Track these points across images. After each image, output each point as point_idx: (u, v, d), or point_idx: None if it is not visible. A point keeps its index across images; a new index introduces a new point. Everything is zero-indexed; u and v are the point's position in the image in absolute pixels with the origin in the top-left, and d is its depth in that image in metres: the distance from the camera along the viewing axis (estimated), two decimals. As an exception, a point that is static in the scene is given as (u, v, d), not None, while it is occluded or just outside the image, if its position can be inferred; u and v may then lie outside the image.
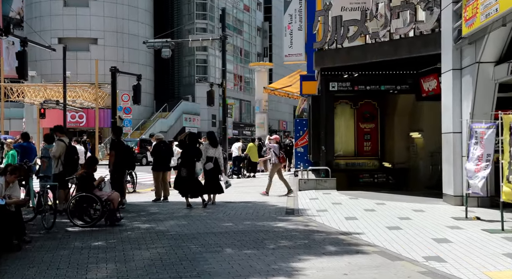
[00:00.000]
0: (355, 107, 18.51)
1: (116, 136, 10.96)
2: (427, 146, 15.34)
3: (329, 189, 13.79)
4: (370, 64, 13.58)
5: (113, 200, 8.68)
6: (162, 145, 12.97)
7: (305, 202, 11.46)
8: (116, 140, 10.90)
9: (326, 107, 14.29)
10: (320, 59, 14.12)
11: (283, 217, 9.53)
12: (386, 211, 9.79)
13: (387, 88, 14.20)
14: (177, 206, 11.44)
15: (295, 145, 19.61)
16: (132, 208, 11.11)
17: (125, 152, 10.93)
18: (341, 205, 10.77)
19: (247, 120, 63.63)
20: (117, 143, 10.86)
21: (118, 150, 10.74)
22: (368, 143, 18.47)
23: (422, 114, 15.62)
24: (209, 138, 11.90)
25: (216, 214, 10.03)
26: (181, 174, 11.04)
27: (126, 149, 11.05)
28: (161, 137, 13.20)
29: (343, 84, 14.31)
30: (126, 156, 10.90)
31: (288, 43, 20.77)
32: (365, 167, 18.42)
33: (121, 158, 10.70)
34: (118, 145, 10.81)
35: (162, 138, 13.21)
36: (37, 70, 44.58)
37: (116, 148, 10.74)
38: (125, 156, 10.87)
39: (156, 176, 12.76)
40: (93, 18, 44.97)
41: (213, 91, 21.61)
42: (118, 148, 10.76)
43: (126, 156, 10.90)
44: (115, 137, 10.97)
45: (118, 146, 10.80)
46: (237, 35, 61.22)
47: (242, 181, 18.99)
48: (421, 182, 15.91)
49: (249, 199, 12.67)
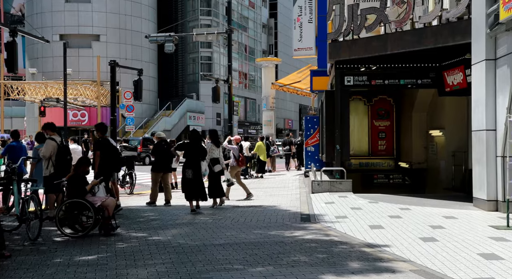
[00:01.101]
0: (369, 103, 17.51)
1: (101, 134, 9.88)
2: (448, 145, 14.29)
3: (345, 192, 12.77)
4: (389, 56, 12.52)
5: (108, 206, 7.68)
6: (164, 144, 11.98)
7: (320, 207, 10.44)
8: (101, 139, 9.83)
9: (341, 103, 13.24)
10: (334, 51, 13.07)
11: (299, 224, 8.51)
12: (414, 218, 8.75)
13: (407, 83, 13.13)
14: (180, 211, 10.44)
15: (305, 144, 18.60)
16: (130, 214, 10.12)
17: (111, 152, 9.82)
18: (362, 210, 9.74)
19: (252, 118, 62.59)
20: (102, 142, 9.80)
21: (103, 150, 9.68)
22: (383, 141, 17.46)
23: (443, 110, 14.57)
24: (212, 136, 11.04)
25: (223, 221, 9.02)
26: (186, 175, 10.18)
27: (112, 148, 9.91)
28: (162, 135, 12.19)
29: (359, 78, 13.26)
30: (112, 156, 9.80)
31: (297, 36, 19.73)
32: (379, 167, 17.42)
33: (106, 159, 9.65)
34: (103, 145, 9.75)
35: (163, 136, 12.20)
36: (39, 67, 43.71)
37: (100, 148, 9.69)
38: (111, 156, 9.78)
39: (155, 178, 11.78)
40: (95, 14, 44.01)
41: (218, 87, 20.60)
42: (103, 147, 9.70)
43: (112, 156, 9.80)
44: (100, 136, 9.88)
45: (103, 145, 9.74)
46: (242, 32, 60.15)
47: (249, 182, 17.96)
48: (441, 183, 14.86)
49: (259, 202, 11.66)
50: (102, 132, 9.85)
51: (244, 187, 12.43)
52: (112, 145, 9.94)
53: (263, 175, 19.78)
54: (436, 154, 15.26)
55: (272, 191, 14.35)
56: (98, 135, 9.82)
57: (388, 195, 12.55)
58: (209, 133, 11.37)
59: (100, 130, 9.84)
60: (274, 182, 17.42)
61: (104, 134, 9.89)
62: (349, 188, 12.92)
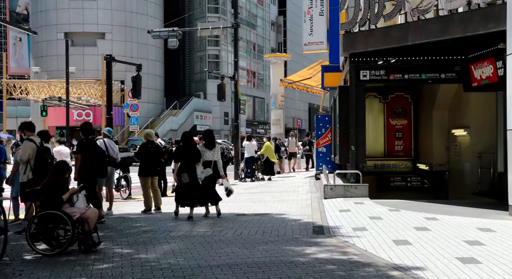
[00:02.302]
0: (384, 101, 16.30)
1: (85, 135, 8.84)
2: (474, 145, 13.06)
3: (360, 197, 11.61)
4: (409, 48, 11.36)
5: (88, 219, 6.58)
6: (151, 145, 10.85)
7: (335, 216, 9.28)
8: (85, 140, 8.78)
9: (356, 100, 12.08)
10: (349, 43, 11.91)
11: (311, 238, 7.36)
12: (444, 230, 7.57)
13: (429, 77, 11.92)
14: (177, 221, 9.32)
15: (316, 144, 17.45)
16: (121, 223, 9.02)
17: (96, 155, 8.77)
18: (382, 220, 8.57)
19: (260, 118, 61.43)
20: (85, 143, 8.78)
21: (86, 152, 8.64)
22: (400, 141, 16.25)
23: (468, 107, 13.35)
24: (204, 137, 9.99)
25: (224, 233, 7.90)
26: (182, 180, 9.32)
27: (97, 151, 8.85)
28: (151, 135, 11.05)
29: (376, 72, 12.07)
30: (96, 160, 8.75)
31: (307, 30, 18.54)
32: (396, 169, 16.20)
33: (90, 163, 8.60)
34: (86, 147, 8.73)
35: (152, 138, 11.05)
36: (43, 66, 42.88)
37: (83, 150, 8.66)
38: (96, 160, 8.73)
39: (144, 183, 10.67)
40: (100, 12, 43.09)
41: (224, 84, 19.50)
42: (87, 150, 8.68)
43: (96, 160, 8.75)
44: (84, 136, 8.84)
45: (87, 147, 8.72)
46: (251, 29, 59.04)
47: (256, 186, 16.84)
48: (466, 188, 13.63)
49: (266, 210, 10.53)
50: (85, 133, 8.82)
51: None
52: (98, 147, 8.89)
53: (271, 177, 18.64)
54: (459, 155, 14.03)
55: (280, 195, 13.23)
56: (82, 136, 8.79)
57: (409, 201, 11.38)
58: (204, 134, 10.35)
59: (83, 130, 8.80)
60: (283, 186, 16.28)
61: (89, 135, 8.86)
62: (365, 193, 11.76)
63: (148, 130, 11.59)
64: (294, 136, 22.55)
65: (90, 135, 8.97)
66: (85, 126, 8.95)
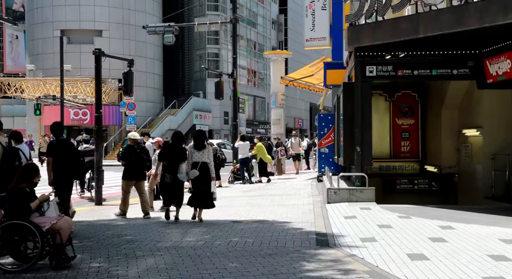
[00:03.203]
0: (390, 99, 15.47)
1: (56, 135, 8.09)
2: (487, 146, 12.26)
3: (366, 202, 10.82)
4: (418, 42, 10.58)
5: (61, 229, 5.77)
6: (136, 147, 10.09)
7: (339, 223, 8.47)
8: (55, 141, 8.02)
9: (362, 97, 11.27)
10: (354, 36, 11.10)
11: (314, 250, 6.55)
12: (463, 242, 6.76)
13: (440, 73, 11.10)
14: (166, 228, 8.51)
15: (318, 144, 16.65)
16: (102, 231, 8.20)
17: (69, 156, 7.99)
18: (392, 229, 7.76)
19: (261, 117, 60.56)
20: (56, 145, 8.03)
21: (58, 154, 7.90)
22: (406, 142, 15.41)
23: (481, 106, 12.54)
24: (194, 138, 9.51)
25: (218, 243, 7.09)
26: (165, 180, 9.18)
27: (70, 152, 8.07)
28: (136, 137, 10.28)
29: (383, 68, 11.26)
30: (70, 162, 7.98)
31: (309, 25, 17.72)
32: (402, 171, 15.37)
33: (62, 166, 7.85)
34: (57, 148, 7.99)
35: (137, 139, 10.30)
36: (39, 64, 42.01)
37: (54, 153, 7.93)
38: (69, 162, 7.96)
39: (126, 187, 9.95)
40: (97, 9, 42.19)
41: (222, 82, 18.70)
42: (58, 152, 7.93)
43: (70, 162, 7.98)
44: (55, 137, 8.09)
45: (57, 149, 7.97)
46: (251, 28, 58.20)
47: (255, 188, 16.03)
48: (477, 191, 12.82)
49: (264, 215, 9.72)
50: (56, 134, 8.07)
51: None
52: (71, 148, 8.11)
53: (261, 180, 17.73)
54: (470, 156, 13.21)
55: (280, 199, 12.42)
56: (53, 137, 8.03)
57: (418, 206, 10.59)
58: (195, 134, 9.70)
59: (53, 131, 8.11)
60: (283, 188, 15.46)
61: (59, 136, 8.08)
62: (371, 197, 10.97)
63: (132, 132, 10.82)
64: (298, 136, 21.60)
65: (62, 136, 8.30)
66: (55, 126, 8.28)
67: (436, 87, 14.22)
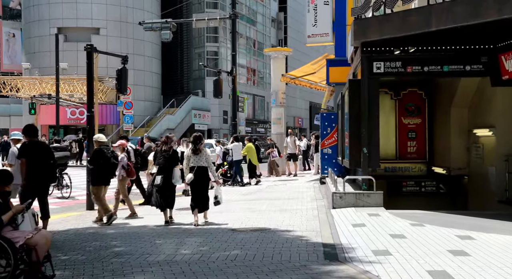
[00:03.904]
0: (396, 97, 14.83)
1: (29, 136, 7.65)
2: (500, 147, 11.58)
3: (374, 207, 10.18)
4: (428, 37, 9.94)
5: (37, 245, 5.11)
6: (106, 151, 9.52)
7: (347, 232, 7.82)
8: (28, 142, 7.57)
9: (369, 95, 10.60)
10: (361, 31, 10.43)
11: (322, 266, 5.89)
12: (487, 256, 6.10)
13: (452, 70, 10.43)
14: (156, 239, 7.84)
15: (321, 145, 16.00)
16: (89, 242, 7.54)
17: (43, 158, 7.59)
18: (406, 239, 7.09)
19: (260, 116, 59.89)
20: (28, 147, 7.60)
21: (31, 157, 7.47)
22: (413, 142, 14.77)
23: (493, 104, 11.86)
24: (192, 142, 9.24)
25: (216, 256, 6.43)
26: (156, 183, 9.12)
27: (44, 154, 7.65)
28: (102, 140, 9.70)
29: (391, 64, 10.59)
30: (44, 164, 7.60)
31: (311, 21, 17.05)
32: (409, 173, 14.74)
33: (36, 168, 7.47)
34: (30, 150, 7.56)
35: (104, 142, 9.74)
36: (36, 62, 41.32)
37: (26, 154, 7.50)
38: (43, 164, 7.58)
39: (96, 192, 9.40)
40: (94, 6, 41.49)
41: (221, 79, 18.02)
42: (30, 154, 7.50)
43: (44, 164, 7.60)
44: (28, 139, 7.66)
45: (30, 151, 7.54)
46: (251, 26, 57.51)
47: (254, 191, 15.38)
48: (489, 194, 12.15)
49: (266, 222, 9.06)
50: (29, 135, 7.67)
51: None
52: (45, 150, 7.67)
53: (250, 182, 17.05)
54: (482, 158, 12.54)
55: (282, 204, 11.75)
56: (26, 139, 7.51)
57: (431, 212, 9.94)
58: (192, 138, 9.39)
59: (26, 132, 7.69)
60: (284, 191, 14.80)
61: (33, 138, 7.61)
62: (379, 202, 10.33)
63: (98, 134, 10.21)
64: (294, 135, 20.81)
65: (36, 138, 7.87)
66: (28, 127, 7.91)
67: (444, 84, 13.56)
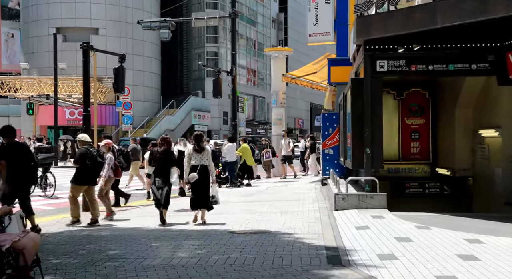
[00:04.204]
0: (399, 97, 14.58)
1: (8, 138, 7.55)
2: (507, 148, 11.30)
3: (378, 209, 9.90)
4: (433, 34, 9.70)
5: (24, 249, 4.84)
6: (91, 150, 9.31)
7: (351, 235, 7.54)
8: (6, 143, 7.51)
9: (372, 94, 10.34)
10: (364, 28, 10.16)
11: (325, 271, 5.62)
12: (497, 261, 5.83)
13: (457, 68, 10.16)
14: (153, 241, 7.56)
15: (322, 145, 15.72)
16: (83, 245, 7.26)
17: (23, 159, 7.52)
18: (412, 243, 6.82)
19: (261, 117, 59.66)
20: (7, 148, 7.54)
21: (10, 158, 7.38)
22: (416, 143, 14.52)
23: (499, 104, 11.58)
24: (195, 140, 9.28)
25: (213, 260, 6.16)
26: (155, 184, 9.13)
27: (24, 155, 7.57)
28: (87, 140, 9.49)
29: (395, 62, 10.33)
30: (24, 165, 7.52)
31: (312, 19, 16.79)
32: (412, 174, 14.47)
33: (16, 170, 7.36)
34: (8, 152, 7.49)
35: (88, 141, 9.53)
36: (34, 62, 41.08)
37: (6, 156, 7.41)
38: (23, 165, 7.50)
39: (75, 192, 9.14)
40: (93, 6, 41.27)
41: (220, 79, 17.75)
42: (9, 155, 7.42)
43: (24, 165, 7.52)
44: (6, 140, 7.57)
45: (9, 152, 7.47)
46: (251, 26, 57.29)
47: (254, 192, 15.12)
48: (495, 196, 11.87)
49: (266, 225, 8.78)
50: (8, 137, 7.55)
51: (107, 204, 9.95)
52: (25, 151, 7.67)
53: (250, 183, 16.78)
54: (488, 159, 12.26)
55: (283, 205, 11.48)
56: (4, 140, 7.40)
57: (435, 214, 9.67)
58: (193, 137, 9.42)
59: (4, 133, 7.58)
60: (285, 192, 14.53)
61: (11, 139, 7.56)
62: (383, 203, 10.05)
63: (82, 134, 10.00)
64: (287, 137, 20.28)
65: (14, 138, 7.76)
66: (6, 128, 7.80)
67: (449, 84, 13.30)
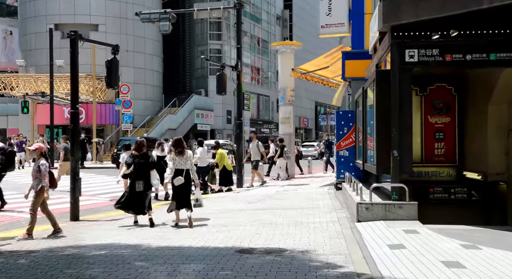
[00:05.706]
0: (422, 93, 13.18)
1: None
2: (550, 150, 9.98)
3: (407, 220, 8.60)
4: (474, 17, 8.35)
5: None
6: None
7: (384, 256, 6.20)
8: None
9: (400, 89, 9.02)
10: (391, 12, 8.83)
11: (366, 314, 4.28)
12: None
13: (500, 58, 8.83)
14: (145, 263, 6.23)
15: (337, 146, 14.39)
16: (55, 269, 5.93)
17: None
18: (466, 270, 5.47)
19: (265, 116, 58.27)
20: None
21: None
22: (441, 144, 13.12)
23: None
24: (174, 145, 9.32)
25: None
26: (136, 188, 9.14)
27: None
28: None
29: (427, 51, 9.00)
30: None
31: (325, 9, 15.44)
32: (436, 178, 13.08)
33: None
34: None
35: None
36: (32, 60, 39.83)
37: None
38: None
39: None
40: (93, 2, 39.96)
41: (224, 75, 16.41)
42: None
43: None
44: None
45: None
46: (255, 23, 55.94)
47: (260, 199, 13.78)
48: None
49: (279, 241, 7.43)
50: None
51: (50, 218, 8.69)
52: None
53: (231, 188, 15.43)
54: (526, 162, 10.93)
55: (296, 215, 10.11)
56: None
57: (476, 228, 8.39)
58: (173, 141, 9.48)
59: None
60: (296, 199, 13.16)
61: None
62: (413, 214, 8.75)
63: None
64: (256, 139, 17.92)
65: None
66: None
67: (480, 77, 11.91)
